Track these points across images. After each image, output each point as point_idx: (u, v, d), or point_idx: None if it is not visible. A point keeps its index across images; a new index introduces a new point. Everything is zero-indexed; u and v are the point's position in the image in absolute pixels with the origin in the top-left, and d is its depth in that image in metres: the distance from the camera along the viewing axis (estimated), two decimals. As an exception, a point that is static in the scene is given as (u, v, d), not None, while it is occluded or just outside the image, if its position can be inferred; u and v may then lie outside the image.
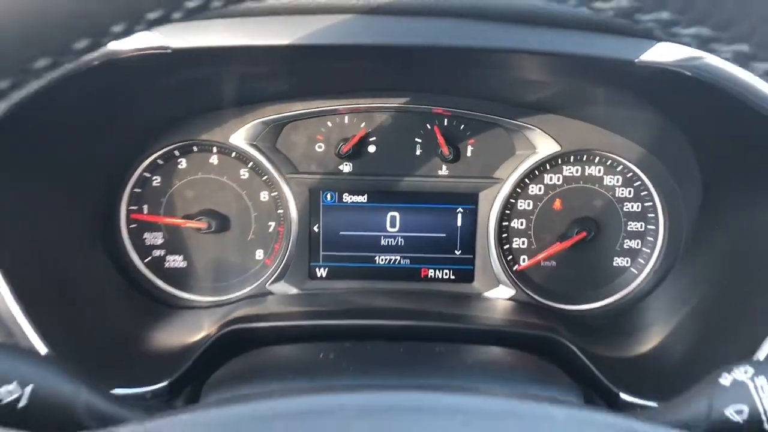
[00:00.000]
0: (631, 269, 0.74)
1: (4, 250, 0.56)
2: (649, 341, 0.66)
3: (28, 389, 0.44)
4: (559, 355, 0.62)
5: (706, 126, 0.59)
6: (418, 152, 0.72)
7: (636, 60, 0.51)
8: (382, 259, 0.75)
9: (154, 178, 0.72)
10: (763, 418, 0.45)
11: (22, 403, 0.44)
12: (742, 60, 0.33)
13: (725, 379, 0.46)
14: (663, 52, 0.51)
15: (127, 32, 0.31)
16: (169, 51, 0.51)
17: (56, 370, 0.45)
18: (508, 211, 0.74)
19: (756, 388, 0.47)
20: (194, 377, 0.58)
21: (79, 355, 0.55)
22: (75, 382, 0.45)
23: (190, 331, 0.69)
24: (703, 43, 0.32)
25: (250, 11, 0.49)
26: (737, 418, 0.47)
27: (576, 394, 0.54)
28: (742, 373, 0.46)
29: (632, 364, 0.65)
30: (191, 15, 0.30)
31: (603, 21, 0.46)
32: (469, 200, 0.73)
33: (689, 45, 0.33)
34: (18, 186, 0.56)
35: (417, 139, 0.72)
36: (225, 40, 0.50)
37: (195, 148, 0.71)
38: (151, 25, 0.29)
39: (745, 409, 0.47)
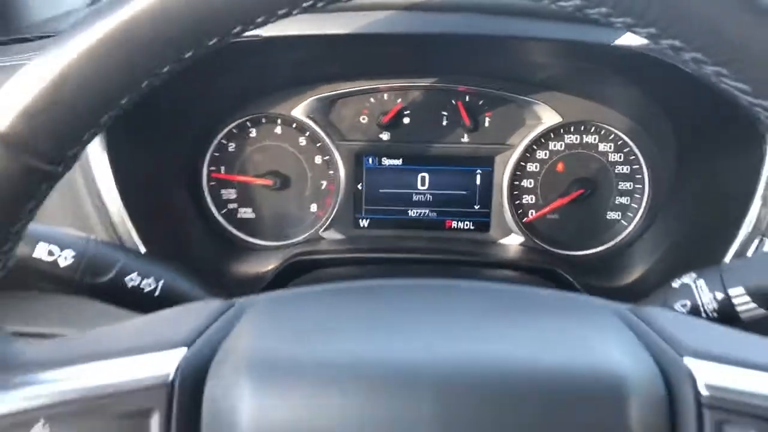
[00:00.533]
0: (622, 221, 0.88)
1: (122, 181, 0.72)
2: (635, 274, 0.81)
3: (161, 283, 0.61)
4: (557, 285, 0.77)
5: (676, 99, 0.73)
6: (444, 123, 0.86)
7: (610, 44, 0.65)
8: (413, 212, 0.89)
9: (230, 144, 0.87)
10: (701, 309, 0.60)
11: (156, 293, 0.61)
12: (654, 40, 0.46)
13: (676, 283, 0.61)
14: (632, 38, 0.66)
15: (264, 23, 0.45)
16: (260, 39, 0.67)
17: (178, 274, 0.62)
18: (519, 173, 0.87)
19: (697, 288, 0.61)
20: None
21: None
22: (191, 282, 0.62)
23: (259, 265, 0.85)
24: (631, 29, 0.45)
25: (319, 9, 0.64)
26: (682, 311, 0.62)
27: None
28: (688, 277, 0.61)
29: (619, 290, 0.80)
30: (302, 11, 0.43)
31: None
32: (487, 163, 0.87)
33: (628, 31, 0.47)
34: (136, 138, 0.72)
35: (443, 113, 0.86)
36: (299, 30, 0.65)
37: (263, 120, 0.86)
38: (277, 18, 0.43)
39: (688, 303, 0.62)
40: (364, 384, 0.38)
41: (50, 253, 0.56)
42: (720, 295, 0.58)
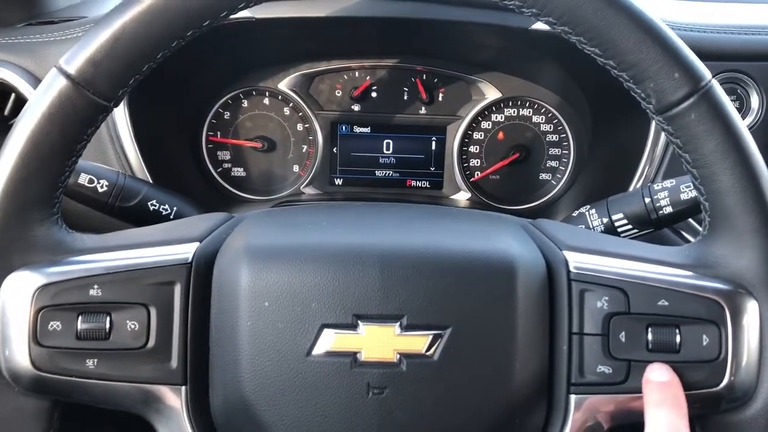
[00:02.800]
0: (552, 181, 1.02)
1: (138, 140, 0.86)
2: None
3: (175, 209, 0.77)
4: None
5: (586, 75, 0.89)
6: (405, 97, 1.00)
7: (529, 28, 0.82)
8: (379, 173, 1.03)
9: (225, 112, 1.00)
10: (590, 227, 0.75)
11: (171, 216, 0.77)
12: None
13: (575, 213, 0.77)
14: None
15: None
16: (253, 20, 0.83)
17: (187, 203, 0.78)
18: (466, 140, 1.01)
19: (589, 215, 0.76)
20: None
21: None
22: (196, 210, 0.78)
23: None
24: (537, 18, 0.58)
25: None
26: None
27: None
28: (584, 208, 0.77)
29: None
30: None
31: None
32: (440, 132, 1.01)
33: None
34: (150, 106, 0.87)
35: (405, 88, 0.99)
36: (285, 13, 0.81)
37: (254, 92, 1.00)
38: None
39: (582, 227, 0.77)
40: (329, 259, 0.54)
41: (90, 181, 0.72)
42: (605, 220, 0.74)
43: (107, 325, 0.53)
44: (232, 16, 0.54)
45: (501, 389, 0.53)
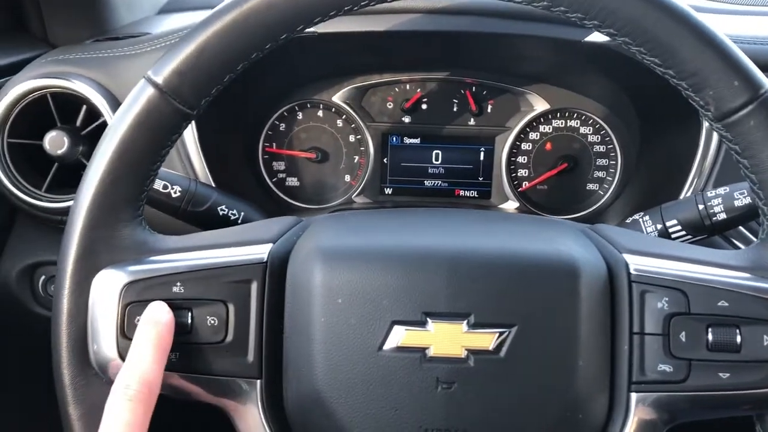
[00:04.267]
0: (599, 192, 1.03)
1: (204, 148, 0.90)
2: None
3: (242, 214, 0.80)
4: None
5: (635, 85, 0.91)
6: (454, 109, 1.02)
7: (581, 41, 0.84)
8: (428, 183, 1.05)
9: (281, 124, 1.04)
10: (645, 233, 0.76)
11: (239, 221, 0.80)
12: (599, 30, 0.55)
13: (628, 220, 0.79)
14: (597, 36, 0.84)
15: (334, 16, 0.55)
16: (315, 35, 0.86)
17: (253, 209, 0.81)
18: (515, 150, 1.03)
19: (643, 222, 0.78)
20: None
21: None
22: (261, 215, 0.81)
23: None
24: (582, 23, 0.60)
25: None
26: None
27: None
28: (637, 215, 0.79)
29: None
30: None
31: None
32: (489, 142, 1.03)
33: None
34: (214, 118, 0.91)
35: (454, 100, 1.02)
36: (340, 28, 0.84)
37: (308, 105, 1.03)
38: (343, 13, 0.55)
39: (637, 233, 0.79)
40: (399, 259, 0.57)
41: (164, 187, 0.76)
42: (659, 226, 0.76)
43: (189, 320, 0.56)
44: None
45: (564, 386, 0.55)
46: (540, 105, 1.02)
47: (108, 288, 0.56)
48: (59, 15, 1.05)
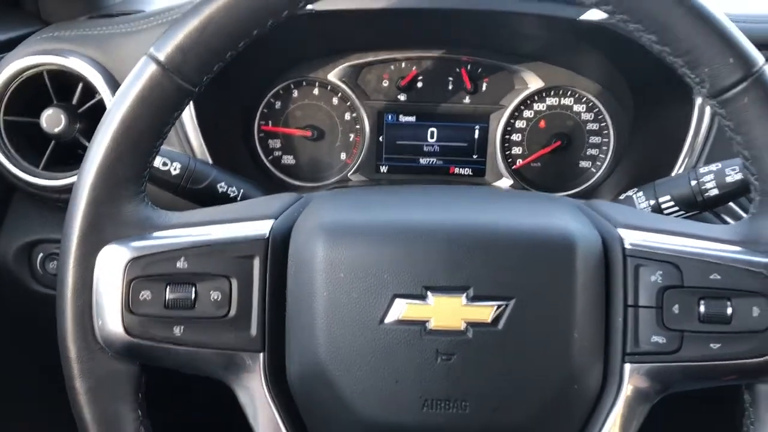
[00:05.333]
0: (591, 169, 1.04)
1: (201, 125, 0.91)
2: None
3: (242, 191, 0.81)
4: None
5: (631, 63, 0.92)
6: (450, 87, 1.02)
7: (577, 19, 0.85)
8: (423, 160, 1.06)
9: (276, 102, 1.04)
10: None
11: (239, 198, 0.81)
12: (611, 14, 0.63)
13: (622, 196, 0.80)
14: (593, 14, 0.84)
15: None
16: (312, 12, 0.86)
17: (252, 185, 0.82)
18: (509, 128, 1.03)
19: (636, 198, 0.79)
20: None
21: None
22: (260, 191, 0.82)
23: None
24: (597, 7, 0.62)
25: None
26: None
27: None
28: (631, 191, 0.80)
29: None
30: None
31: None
32: (483, 120, 1.04)
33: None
34: (211, 95, 0.91)
35: (449, 78, 1.02)
36: (335, 5, 0.84)
37: (304, 83, 1.03)
38: None
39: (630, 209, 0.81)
40: (400, 234, 0.58)
41: (164, 164, 0.76)
42: (652, 202, 0.77)
43: (193, 295, 0.57)
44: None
45: (560, 357, 0.56)
46: (534, 83, 1.02)
47: (112, 263, 0.57)
48: (53, -9, 1.04)
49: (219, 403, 0.70)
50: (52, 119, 0.86)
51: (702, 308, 0.56)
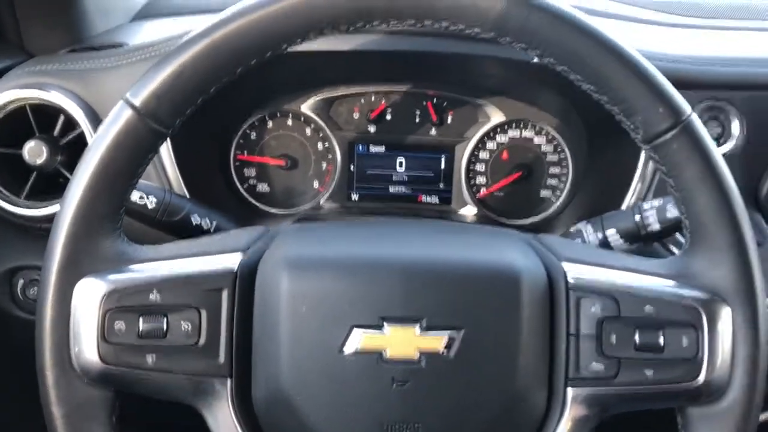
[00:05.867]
0: (551, 198, 1.09)
1: (178, 159, 0.95)
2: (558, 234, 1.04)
3: (214, 223, 0.85)
4: None
5: (581, 101, 0.97)
6: (417, 120, 1.07)
7: (531, 61, 0.90)
8: (393, 189, 1.09)
9: (252, 133, 1.08)
10: (587, 241, 0.83)
11: (212, 229, 0.85)
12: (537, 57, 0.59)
13: (572, 228, 0.86)
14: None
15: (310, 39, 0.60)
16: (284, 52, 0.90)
17: (225, 218, 0.86)
18: (473, 159, 1.08)
19: (585, 231, 0.85)
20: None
21: None
22: (233, 224, 0.86)
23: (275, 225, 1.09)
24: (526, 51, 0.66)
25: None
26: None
27: None
28: (581, 224, 0.85)
29: None
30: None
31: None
32: (449, 151, 1.08)
33: None
34: (188, 128, 0.95)
35: (416, 111, 1.06)
36: (310, 47, 0.89)
37: (278, 114, 1.07)
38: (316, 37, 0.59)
39: (579, 240, 0.85)
40: (358, 269, 0.62)
41: (141, 198, 0.80)
42: (600, 235, 0.82)
43: (164, 326, 0.61)
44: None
45: (507, 383, 0.61)
46: (497, 116, 1.07)
47: (89, 295, 0.61)
48: (35, 23, 1.07)
49: (188, 427, 0.73)
50: (34, 151, 0.90)
51: (637, 338, 0.61)
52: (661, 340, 0.61)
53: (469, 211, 1.10)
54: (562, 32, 0.58)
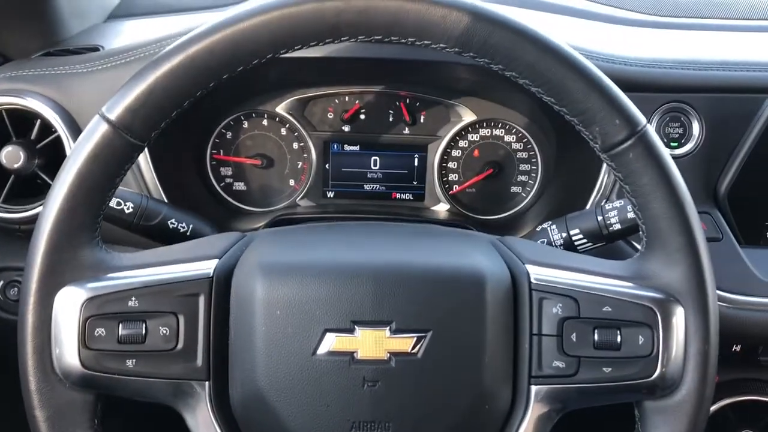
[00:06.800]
0: (522, 194, 1.12)
1: (154, 161, 0.96)
2: (526, 230, 1.07)
3: (191, 226, 0.87)
4: None
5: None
6: (390, 119, 1.09)
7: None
8: (368, 186, 1.12)
9: (228, 133, 1.09)
10: (553, 245, 0.85)
11: (189, 233, 0.87)
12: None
13: (538, 228, 0.88)
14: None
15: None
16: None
17: (202, 222, 0.88)
18: (446, 157, 1.10)
19: (550, 230, 0.87)
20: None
21: None
22: (210, 227, 0.88)
23: (251, 225, 1.08)
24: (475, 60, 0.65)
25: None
26: (540, 247, 0.89)
27: None
28: (546, 224, 0.88)
29: None
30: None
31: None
32: (422, 150, 1.10)
33: None
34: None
35: (390, 111, 1.09)
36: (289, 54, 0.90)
37: (253, 115, 1.09)
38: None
39: (545, 240, 0.85)
40: (330, 274, 0.65)
41: (118, 203, 0.82)
42: (564, 234, 0.85)
43: (143, 331, 0.63)
44: None
45: (473, 381, 0.64)
46: (468, 116, 1.10)
47: (70, 303, 0.62)
48: (10, 26, 1.07)
49: (167, 429, 0.76)
50: (12, 156, 0.91)
51: (596, 336, 0.64)
52: (618, 339, 0.63)
53: (442, 207, 1.13)
54: (524, 48, 0.60)
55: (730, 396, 1.10)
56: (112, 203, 0.81)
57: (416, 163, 1.11)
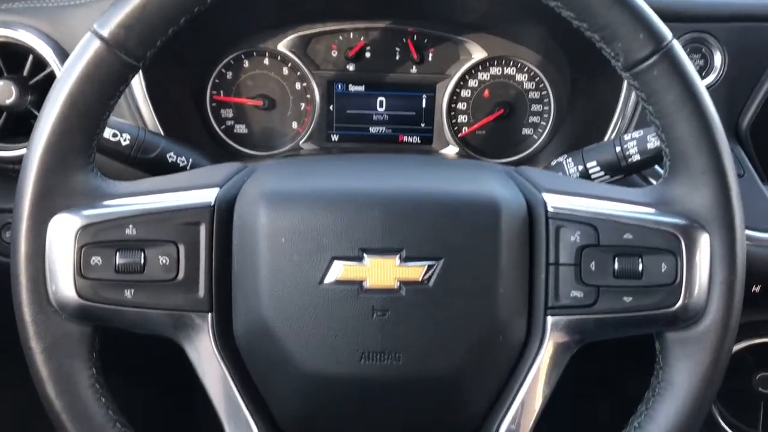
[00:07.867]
0: (533, 136, 1.09)
1: (153, 100, 0.93)
2: None
3: (191, 160, 0.84)
4: None
5: (567, 36, 0.96)
6: (397, 57, 1.05)
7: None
8: (373, 129, 1.09)
9: (228, 72, 1.06)
10: (567, 174, 0.83)
11: (188, 167, 0.84)
12: None
13: (553, 162, 0.85)
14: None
15: None
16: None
17: (201, 155, 0.85)
18: (455, 97, 1.07)
19: (566, 163, 0.85)
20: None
21: None
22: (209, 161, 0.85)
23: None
24: None
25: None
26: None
27: None
28: (561, 157, 0.85)
29: None
30: None
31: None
32: (430, 89, 1.07)
33: None
34: (162, 67, 0.93)
35: (397, 48, 1.05)
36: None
37: (254, 53, 1.05)
38: None
39: (560, 173, 0.85)
40: (338, 201, 0.62)
41: (114, 135, 0.78)
42: (581, 167, 0.82)
43: (142, 260, 0.60)
44: None
45: (487, 311, 0.61)
46: (478, 53, 1.06)
47: (64, 231, 0.60)
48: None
49: (168, 361, 0.73)
50: (3, 91, 0.88)
51: (616, 265, 0.61)
52: (640, 267, 0.61)
53: (451, 150, 1.10)
54: None
55: (747, 339, 1.07)
56: (109, 135, 0.78)
57: (424, 104, 1.08)
